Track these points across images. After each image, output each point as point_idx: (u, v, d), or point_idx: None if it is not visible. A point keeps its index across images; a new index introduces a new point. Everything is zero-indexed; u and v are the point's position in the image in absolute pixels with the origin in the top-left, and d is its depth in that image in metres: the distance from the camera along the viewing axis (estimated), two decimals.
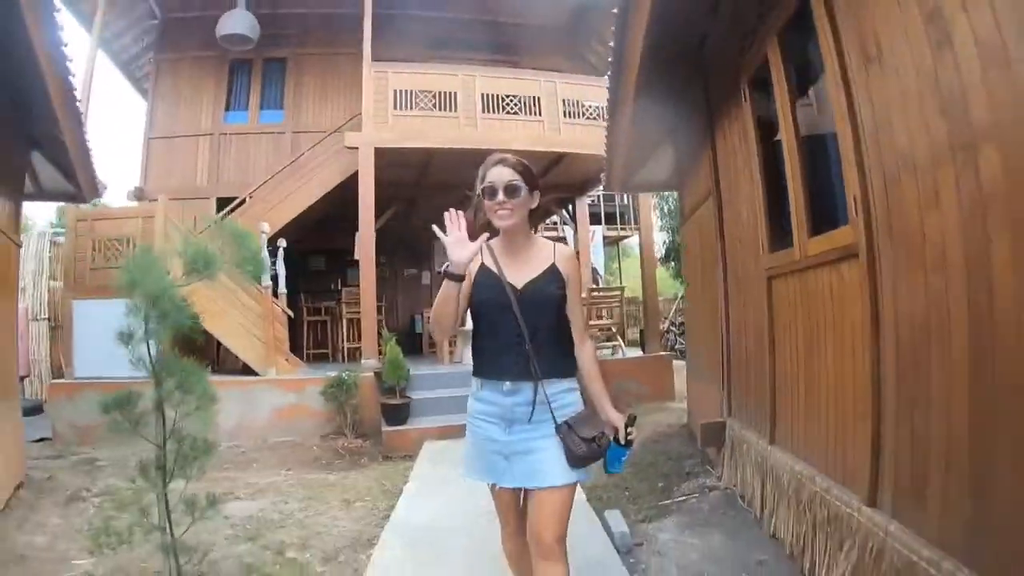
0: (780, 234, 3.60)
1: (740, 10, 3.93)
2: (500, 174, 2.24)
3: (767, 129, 3.71)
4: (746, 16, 3.84)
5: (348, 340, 10.46)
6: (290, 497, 5.12)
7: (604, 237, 15.84)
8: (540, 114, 9.10)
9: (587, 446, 2.16)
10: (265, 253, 7.95)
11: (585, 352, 2.35)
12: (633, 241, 17.34)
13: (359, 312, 9.14)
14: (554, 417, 2.20)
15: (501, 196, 2.21)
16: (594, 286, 12.38)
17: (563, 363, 2.29)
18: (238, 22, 9.59)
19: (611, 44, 4.64)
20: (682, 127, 5.55)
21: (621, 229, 17.34)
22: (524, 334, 2.19)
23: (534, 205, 2.33)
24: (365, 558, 3.80)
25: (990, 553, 1.90)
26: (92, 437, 7.28)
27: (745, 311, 4.29)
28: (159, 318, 2.81)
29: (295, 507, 4.86)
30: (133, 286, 2.85)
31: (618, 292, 10.18)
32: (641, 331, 10.15)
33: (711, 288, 5.06)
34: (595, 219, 15.43)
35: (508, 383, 2.22)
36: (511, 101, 9.05)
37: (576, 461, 2.17)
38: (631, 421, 2.24)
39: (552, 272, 2.29)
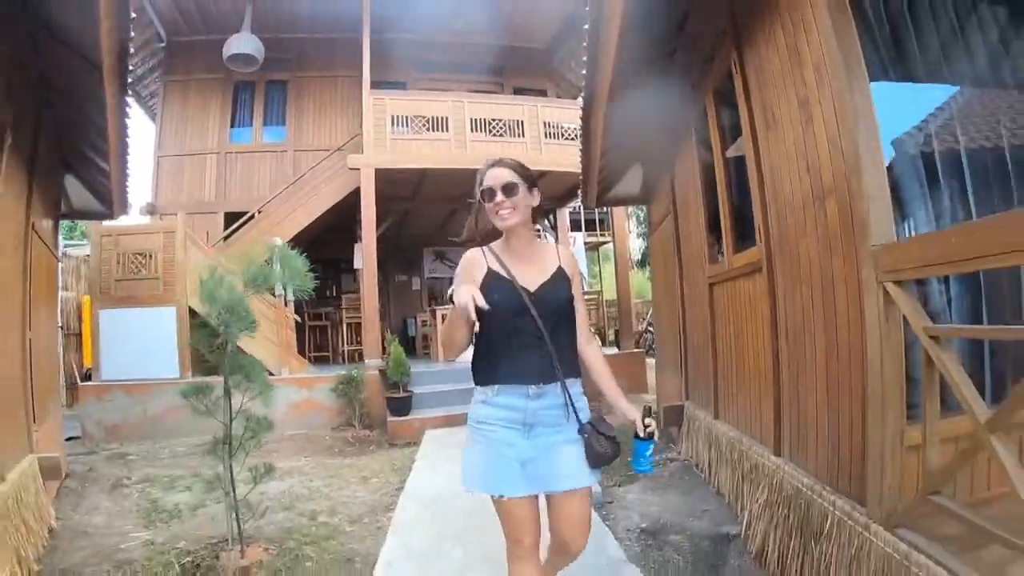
0: (717, 250, 4.50)
1: (690, 63, 4.80)
2: (497, 175, 2.23)
3: (707, 166, 4.60)
4: (692, 69, 4.72)
5: (348, 343, 11.26)
6: (313, 477, 5.92)
7: (585, 243, 16.67)
8: (523, 135, 9.99)
9: (611, 445, 2.19)
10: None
11: (592, 349, 2.38)
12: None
13: (359, 317, 9.98)
14: (579, 418, 2.21)
15: (500, 196, 2.20)
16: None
17: (577, 363, 2.31)
18: (244, 43, 10.26)
19: (583, 85, 5.50)
20: (648, 153, 6.45)
21: (601, 235, 18.17)
22: (545, 336, 2.18)
23: (535, 203, 2.31)
24: (385, 520, 4.60)
25: (842, 477, 2.78)
26: (119, 435, 8.02)
27: (695, 311, 5.18)
28: (236, 322, 3.60)
29: (319, 484, 5.67)
30: (212, 299, 3.65)
31: (595, 295, 11.13)
32: (616, 331, 11.08)
33: (672, 291, 5.93)
34: (576, 226, 16.27)
35: (534, 387, 2.19)
36: (497, 124, 9.95)
37: (598, 460, 2.19)
38: (647, 412, 2.27)
39: (560, 274, 2.30)
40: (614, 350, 10.68)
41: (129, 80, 4.81)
